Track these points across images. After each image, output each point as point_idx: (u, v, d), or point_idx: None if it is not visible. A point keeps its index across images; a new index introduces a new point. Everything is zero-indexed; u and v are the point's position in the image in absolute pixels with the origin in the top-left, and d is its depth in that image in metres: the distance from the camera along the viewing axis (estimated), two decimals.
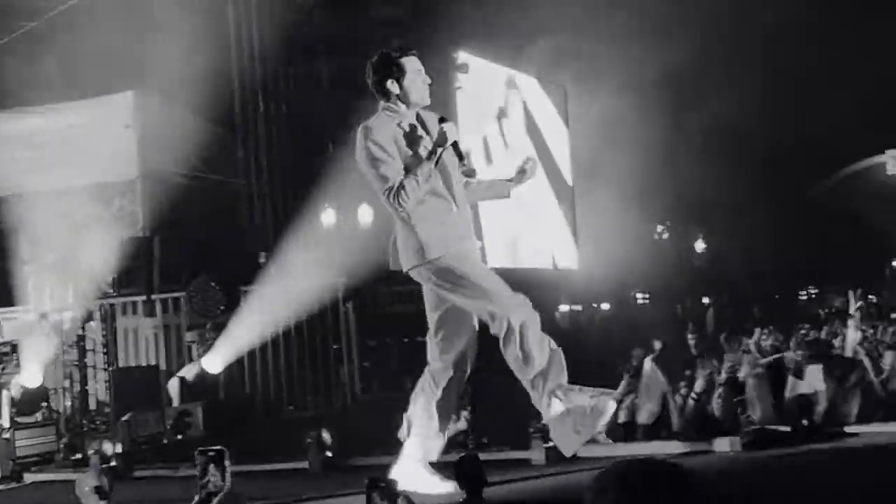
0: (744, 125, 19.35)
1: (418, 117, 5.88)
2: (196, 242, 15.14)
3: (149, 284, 14.26)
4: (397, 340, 16.61)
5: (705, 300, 27.77)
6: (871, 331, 14.51)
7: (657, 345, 10.78)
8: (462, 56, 18.27)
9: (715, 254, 32.63)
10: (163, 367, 13.53)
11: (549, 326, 5.96)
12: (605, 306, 24.82)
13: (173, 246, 15.00)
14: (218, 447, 6.05)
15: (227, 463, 5.95)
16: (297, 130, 16.63)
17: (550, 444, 6.82)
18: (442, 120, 5.76)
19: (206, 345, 13.38)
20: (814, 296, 38.33)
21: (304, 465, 8.61)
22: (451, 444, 7.41)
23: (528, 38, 16.57)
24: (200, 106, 14.47)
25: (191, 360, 13.51)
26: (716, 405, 8.97)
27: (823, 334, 15.69)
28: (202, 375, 13.07)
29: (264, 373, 13.88)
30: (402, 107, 5.78)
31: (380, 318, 16.91)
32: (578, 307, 24.01)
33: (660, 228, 28.49)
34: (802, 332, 17.29)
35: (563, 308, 21.40)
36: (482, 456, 5.90)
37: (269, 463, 8.89)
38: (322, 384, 14.10)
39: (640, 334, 12.40)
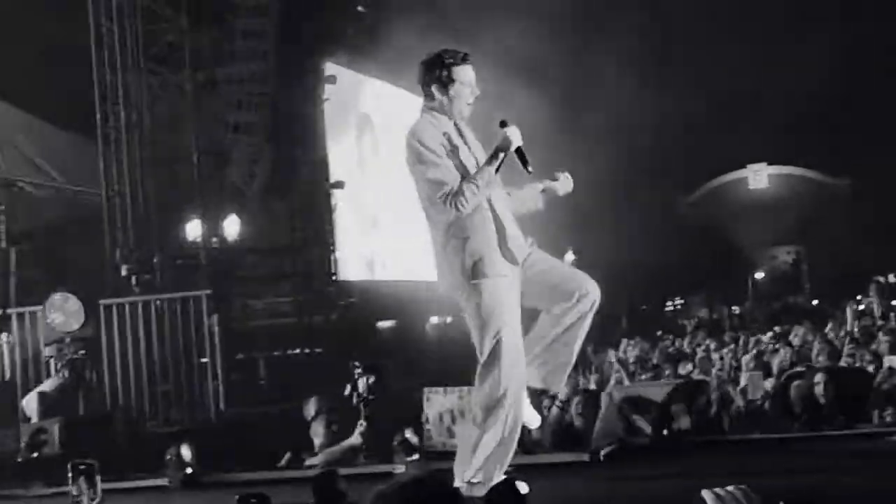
0: (605, 137, 19.68)
1: (455, 126, 5.62)
2: (54, 254, 14.65)
3: (4, 297, 13.75)
4: (266, 355, 16.40)
5: None
6: (732, 345, 14.91)
7: None
8: (329, 67, 18.17)
9: (584, 265, 33.06)
10: (19, 382, 13.04)
11: (420, 339, 5.96)
12: None
13: (30, 258, 14.50)
14: (90, 461, 5.94)
15: (97, 477, 5.86)
16: (159, 140, 16.27)
17: (414, 457, 6.92)
18: (503, 124, 5.49)
19: (65, 359, 12.92)
20: (679, 307, 39.35)
21: (164, 482, 8.36)
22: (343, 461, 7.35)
23: (397, 50, 16.52)
24: (59, 114, 14.03)
25: (48, 375, 13.04)
26: (575, 416, 9.02)
27: (686, 345, 16.07)
28: (60, 391, 12.63)
29: (125, 388, 13.46)
30: (443, 117, 5.52)
31: (248, 332, 16.62)
32: (448, 318, 24.04)
33: (529, 240, 28.76)
34: (666, 342, 17.70)
35: (434, 320, 21.41)
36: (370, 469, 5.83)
37: (127, 480, 8.60)
38: (186, 399, 13.75)
39: None
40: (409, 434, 7.67)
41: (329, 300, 17.97)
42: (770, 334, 15.23)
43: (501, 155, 5.39)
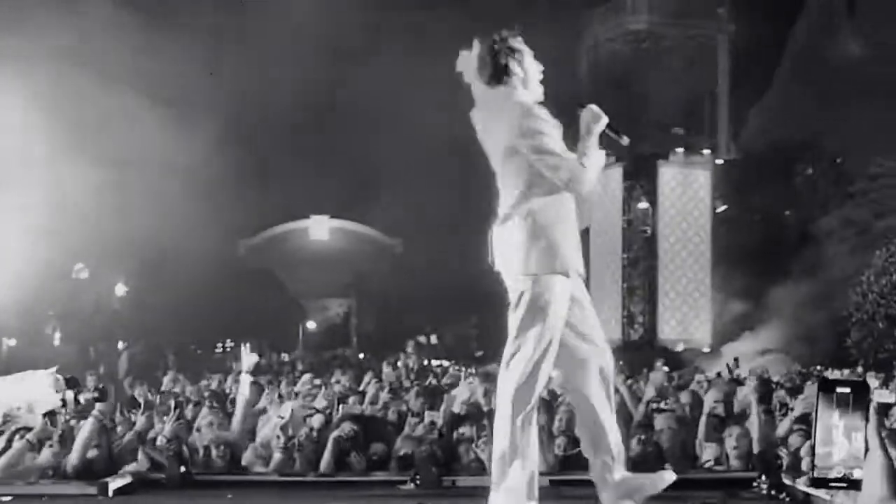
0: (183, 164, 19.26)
1: None
2: None
3: None
4: None
5: (120, 344, 27.27)
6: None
7: None
8: None
9: (137, 299, 32.24)
10: None
11: None
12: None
13: None
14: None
15: None
16: None
17: None
18: (580, 105, 4.94)
19: None
20: (229, 349, 39.36)
21: None
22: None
23: None
24: None
25: None
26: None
27: (228, 385, 15.99)
28: None
29: None
30: (525, 89, 4.91)
31: None
32: None
33: (78, 266, 27.62)
34: (206, 381, 17.56)
35: None
36: None
37: None
38: None
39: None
40: None
41: None
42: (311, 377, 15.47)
43: (595, 129, 4.88)
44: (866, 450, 2.04)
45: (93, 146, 16.48)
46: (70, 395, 6.90)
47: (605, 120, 4.89)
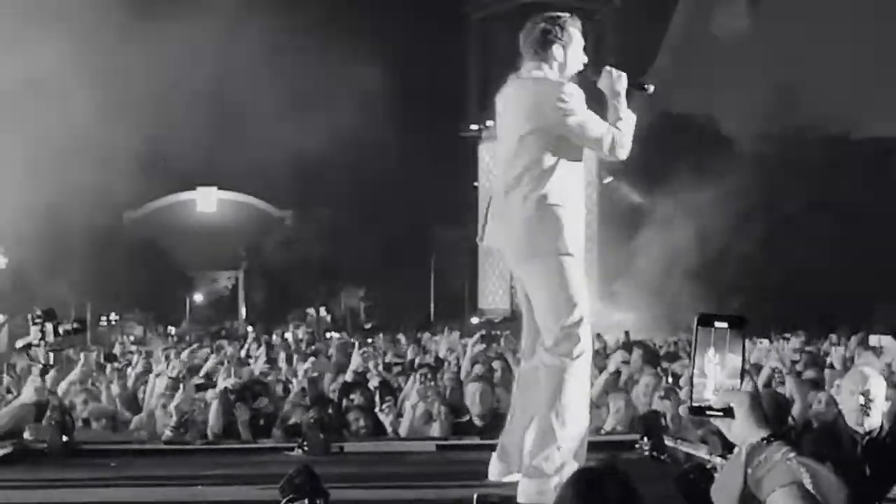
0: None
1: None
2: None
3: None
4: None
5: (0, 317, 26.48)
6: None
7: None
8: None
9: (18, 271, 31.40)
10: None
11: None
12: None
13: None
14: None
15: None
16: None
17: None
18: (602, 71, 4.91)
19: None
20: (114, 322, 38.65)
21: None
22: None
23: None
24: None
25: None
26: None
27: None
28: None
29: None
30: (559, 75, 4.80)
31: None
32: None
33: None
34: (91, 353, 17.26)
35: None
36: None
37: None
38: None
39: None
40: None
41: None
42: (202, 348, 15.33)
43: (624, 94, 4.85)
44: (741, 382, 2.14)
45: None
46: (49, 327, 6.62)
47: (625, 77, 4.85)
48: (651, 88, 5.11)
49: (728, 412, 2.12)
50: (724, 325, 2.14)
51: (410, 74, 41.22)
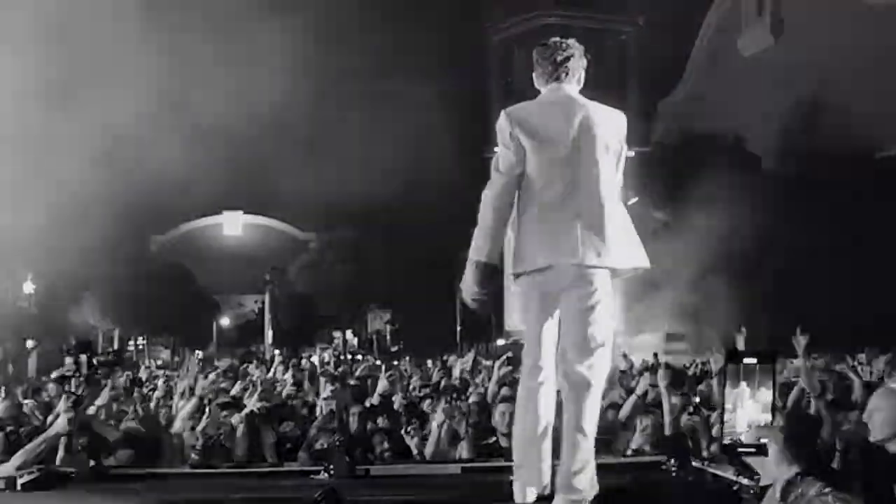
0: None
1: None
2: None
3: None
4: None
5: (30, 343, 26.73)
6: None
7: None
8: None
9: (46, 296, 31.69)
10: None
11: None
12: None
13: None
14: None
15: None
16: None
17: None
18: None
19: None
20: (142, 346, 38.86)
21: None
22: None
23: None
24: None
25: None
26: None
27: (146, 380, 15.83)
28: None
29: None
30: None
31: None
32: None
33: None
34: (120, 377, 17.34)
35: None
36: None
37: None
38: None
39: None
40: None
41: None
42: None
43: None
44: (773, 417, 2.11)
45: None
46: (84, 358, 6.62)
47: None
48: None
49: (760, 448, 2.10)
50: (753, 360, 2.12)
51: (437, 96, 41.55)
